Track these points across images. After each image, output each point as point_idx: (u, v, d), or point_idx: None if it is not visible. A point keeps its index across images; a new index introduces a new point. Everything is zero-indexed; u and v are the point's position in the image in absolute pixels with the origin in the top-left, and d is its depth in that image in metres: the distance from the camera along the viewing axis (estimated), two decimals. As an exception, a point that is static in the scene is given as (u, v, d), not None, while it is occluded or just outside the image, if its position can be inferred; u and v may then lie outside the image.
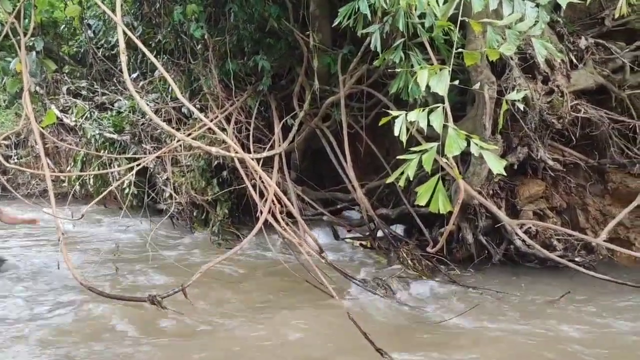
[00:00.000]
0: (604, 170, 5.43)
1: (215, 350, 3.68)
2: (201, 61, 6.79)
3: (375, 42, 4.33)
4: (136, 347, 3.74)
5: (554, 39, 5.10)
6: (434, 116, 2.86)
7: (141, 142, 7.82)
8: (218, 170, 6.90)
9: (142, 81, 8.01)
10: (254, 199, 5.68)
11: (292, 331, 3.95)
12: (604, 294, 4.56)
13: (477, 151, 2.82)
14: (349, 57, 6.03)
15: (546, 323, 4.02)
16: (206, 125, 5.26)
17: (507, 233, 5.14)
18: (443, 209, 2.91)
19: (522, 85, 4.83)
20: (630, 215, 5.24)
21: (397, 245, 5.50)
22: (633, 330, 3.87)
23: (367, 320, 3.95)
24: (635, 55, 5.33)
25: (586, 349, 3.60)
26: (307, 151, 7.24)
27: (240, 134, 6.59)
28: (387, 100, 5.78)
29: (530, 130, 5.03)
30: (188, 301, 4.15)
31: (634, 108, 5.27)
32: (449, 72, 2.95)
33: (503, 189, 5.32)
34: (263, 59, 6.25)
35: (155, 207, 8.06)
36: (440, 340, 3.80)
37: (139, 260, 5.91)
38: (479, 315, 4.16)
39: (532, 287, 4.79)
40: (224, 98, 6.65)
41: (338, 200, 6.92)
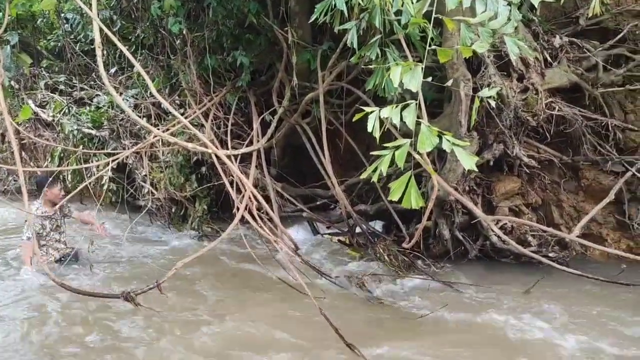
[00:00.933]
0: (577, 167, 5.52)
1: (188, 346, 3.68)
2: (180, 56, 6.75)
3: (352, 38, 4.34)
4: (109, 343, 3.73)
5: (529, 37, 5.17)
6: (407, 112, 2.88)
7: (120, 138, 7.75)
8: (197, 166, 6.87)
9: (120, 76, 7.93)
10: (232, 195, 5.67)
11: (265, 327, 3.98)
12: (575, 289, 4.64)
13: (449, 147, 2.86)
14: (328, 53, 6.04)
15: (518, 316, 4.08)
16: (186, 120, 5.23)
17: (483, 229, 5.20)
18: (415, 205, 2.94)
19: (497, 83, 4.88)
20: (603, 211, 5.34)
21: (375, 241, 5.53)
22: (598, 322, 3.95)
23: (340, 316, 3.97)
24: (608, 54, 5.43)
25: (556, 339, 3.67)
26: (287, 147, 7.23)
27: (219, 129, 6.57)
28: (365, 97, 5.81)
29: (506, 127, 5.09)
30: (163, 297, 4.13)
31: (606, 106, 5.36)
32: (422, 68, 2.98)
33: (479, 186, 5.37)
34: (242, 54, 6.23)
35: (134, 203, 7.99)
36: (412, 335, 3.85)
37: (114, 257, 5.87)
38: (453, 310, 4.21)
39: (506, 282, 4.85)
40: (203, 94, 6.62)
41: (318, 196, 6.93)
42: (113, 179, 7.60)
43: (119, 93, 7.53)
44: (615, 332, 3.85)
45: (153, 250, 6.22)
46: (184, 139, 6.23)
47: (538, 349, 3.60)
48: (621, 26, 5.41)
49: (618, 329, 3.88)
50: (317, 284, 4.74)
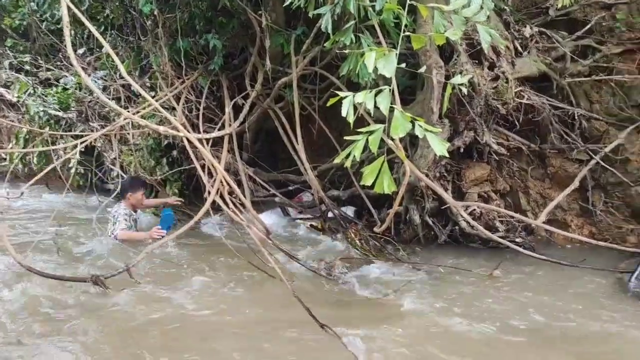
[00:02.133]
0: (544, 155, 5.65)
1: (158, 330, 3.67)
2: (151, 38, 6.62)
3: (326, 23, 4.34)
4: (79, 328, 3.69)
5: (500, 27, 5.24)
6: (381, 98, 2.90)
7: (88, 120, 7.61)
8: (168, 150, 6.80)
9: (89, 57, 7.75)
10: (203, 179, 5.64)
11: (237, 311, 3.99)
12: (540, 272, 4.78)
13: (421, 133, 2.89)
14: (302, 38, 6.01)
15: (482, 300, 4.20)
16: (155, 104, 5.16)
17: (453, 214, 5.29)
18: (388, 190, 2.98)
19: (469, 71, 4.95)
20: (568, 198, 5.50)
21: (346, 226, 5.58)
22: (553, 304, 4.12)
23: (311, 298, 4.02)
24: (576, 44, 5.55)
25: (515, 322, 3.79)
26: (259, 132, 7.21)
27: (190, 113, 6.50)
28: (339, 82, 5.82)
29: (477, 115, 5.17)
30: (133, 281, 4.11)
31: (573, 95, 5.49)
32: (397, 55, 3.00)
33: (450, 172, 5.46)
34: (215, 37, 6.15)
35: (103, 186, 7.88)
36: (379, 316, 3.93)
37: (83, 240, 5.79)
38: (422, 292, 4.30)
39: (473, 266, 4.97)
40: (174, 76, 6.52)
41: (290, 181, 6.94)
42: (81, 162, 7.46)
43: (88, 74, 7.37)
44: (569, 310, 4.00)
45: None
46: (155, 122, 6.15)
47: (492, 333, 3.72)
48: (589, 17, 5.53)
49: (572, 308, 4.03)
50: (289, 268, 4.77)
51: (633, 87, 5.34)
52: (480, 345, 3.48)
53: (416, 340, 3.51)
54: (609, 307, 4.06)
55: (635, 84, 5.32)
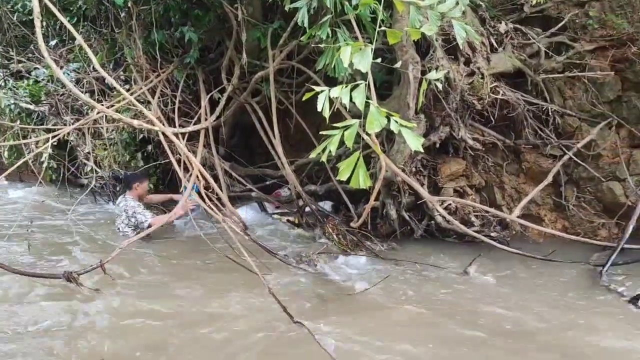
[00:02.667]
0: (519, 151, 5.72)
1: (134, 328, 3.63)
2: (125, 30, 6.51)
3: (302, 17, 4.31)
4: (53, 326, 3.62)
5: (476, 22, 5.28)
6: (357, 93, 2.90)
7: (60, 114, 7.46)
8: (143, 144, 6.71)
9: (61, 49, 7.59)
10: (179, 175, 5.58)
11: (213, 305, 3.96)
12: (514, 266, 4.85)
13: (397, 128, 2.90)
14: (279, 32, 5.97)
15: (456, 294, 4.24)
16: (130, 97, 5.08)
17: (429, 209, 5.33)
18: (363, 185, 2.97)
19: (445, 66, 4.97)
20: (542, 193, 5.57)
21: (323, 221, 5.58)
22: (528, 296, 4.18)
23: (287, 293, 4.02)
24: (550, 41, 5.61)
25: (487, 315, 3.84)
26: (236, 127, 7.16)
27: (166, 107, 6.41)
28: (316, 76, 5.80)
29: (452, 110, 5.20)
30: (107, 277, 4.05)
31: (547, 92, 5.56)
32: (372, 49, 2.99)
33: (425, 167, 5.49)
34: (191, 30, 6.07)
35: (76, 181, 7.75)
36: (355, 310, 3.94)
37: (55, 236, 5.69)
38: (397, 287, 4.33)
39: (449, 260, 5.02)
40: (149, 70, 6.43)
41: (267, 176, 6.91)
42: (53, 156, 7.32)
43: (60, 67, 7.22)
44: (540, 302, 4.07)
45: (100, 229, 6.07)
46: (129, 116, 6.05)
47: (467, 317, 3.76)
48: (562, 15, 5.59)
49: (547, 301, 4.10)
50: (265, 263, 4.74)
51: (605, 84, 5.43)
52: (452, 339, 3.52)
53: (390, 334, 3.53)
54: (579, 299, 4.13)
55: (607, 80, 5.41)
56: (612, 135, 5.39)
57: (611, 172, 5.34)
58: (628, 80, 5.40)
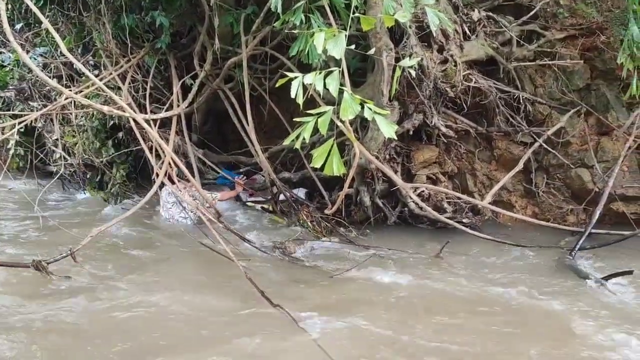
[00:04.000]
0: (491, 138, 5.79)
1: (104, 317, 3.58)
2: (94, 14, 6.33)
3: (275, 3, 4.25)
4: (19, 316, 3.56)
5: (449, 10, 5.29)
6: (330, 79, 2.89)
7: (28, 99, 7.26)
8: (114, 131, 6.57)
9: (27, 33, 7.36)
10: (151, 161, 5.50)
11: (190, 294, 3.94)
12: (485, 251, 4.94)
13: (371, 116, 2.90)
14: (252, 17, 5.89)
15: (431, 277, 4.32)
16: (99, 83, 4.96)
17: (402, 196, 5.37)
18: (337, 172, 2.98)
19: (418, 53, 4.98)
20: (513, 179, 5.66)
21: (298, 208, 5.58)
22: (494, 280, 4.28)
23: (264, 279, 4.02)
24: (521, 29, 5.67)
25: (459, 299, 3.93)
26: (209, 113, 7.06)
27: (137, 93, 6.28)
28: (290, 63, 5.75)
29: (426, 97, 5.22)
30: (76, 266, 3.98)
31: (518, 79, 5.63)
32: (346, 36, 2.98)
33: (399, 154, 5.52)
34: (161, 15, 5.93)
35: (45, 169, 7.58)
36: (334, 295, 3.99)
37: (22, 224, 5.57)
38: (372, 272, 4.37)
39: (421, 246, 5.08)
40: (119, 55, 6.28)
41: (241, 163, 6.85)
42: (20, 142, 7.13)
43: (26, 51, 7.01)
44: (507, 284, 4.18)
45: (67, 216, 5.96)
46: (99, 102, 5.92)
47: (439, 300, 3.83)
48: (534, 3, 5.64)
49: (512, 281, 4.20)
50: (241, 250, 4.74)
51: (575, 72, 5.52)
52: (425, 323, 3.57)
53: (369, 317, 3.57)
54: (546, 281, 4.24)
55: (577, 69, 5.50)
56: (581, 123, 5.49)
57: (580, 159, 5.45)
58: (597, 69, 5.50)
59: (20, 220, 5.85)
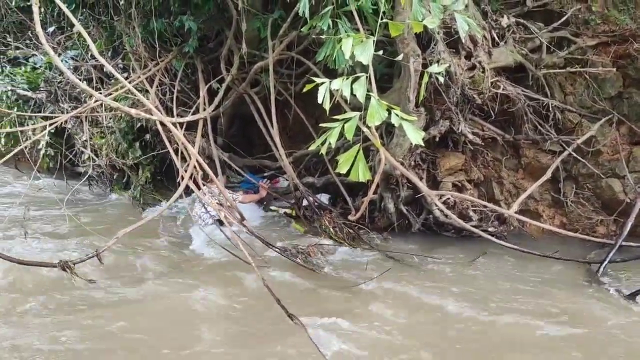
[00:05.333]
0: (518, 146, 5.70)
1: (127, 319, 3.61)
2: (124, 18, 6.44)
3: (303, 8, 4.26)
4: (48, 315, 3.61)
5: (478, 16, 5.23)
6: (357, 85, 2.88)
7: (58, 101, 7.40)
8: (141, 133, 6.67)
9: (59, 36, 7.52)
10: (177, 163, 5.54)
11: (207, 297, 3.95)
12: (511, 261, 4.84)
13: (397, 122, 2.88)
14: (279, 22, 5.91)
15: (453, 290, 4.22)
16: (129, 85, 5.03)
17: (427, 203, 5.31)
18: (362, 178, 2.97)
19: (446, 60, 4.94)
20: (540, 188, 5.56)
21: (321, 214, 5.56)
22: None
23: (283, 286, 4.01)
24: (552, 36, 5.58)
25: (483, 311, 3.83)
26: (234, 117, 7.11)
27: (164, 96, 6.36)
28: (316, 68, 5.76)
29: (453, 104, 5.17)
30: (102, 267, 4.03)
31: (548, 87, 5.53)
32: (374, 42, 2.97)
33: (425, 161, 5.47)
34: (190, 19, 6.01)
35: (73, 169, 7.71)
36: (355, 305, 3.93)
37: (51, 224, 5.66)
38: (395, 281, 4.31)
39: (446, 255, 5.00)
40: (148, 58, 6.37)
41: (265, 167, 6.88)
42: (51, 143, 7.27)
43: (58, 54, 7.15)
44: (534, 296, 4.07)
45: (95, 218, 6.04)
46: (127, 105, 6.01)
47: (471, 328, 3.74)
48: (565, 9, 5.55)
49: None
50: (261, 255, 4.73)
51: (606, 80, 5.40)
52: (446, 336, 3.51)
53: (388, 328, 3.52)
54: (575, 294, 4.12)
55: (609, 76, 5.39)
56: (613, 132, 5.37)
57: (610, 169, 5.33)
58: (629, 77, 5.38)
59: (50, 219, 5.95)
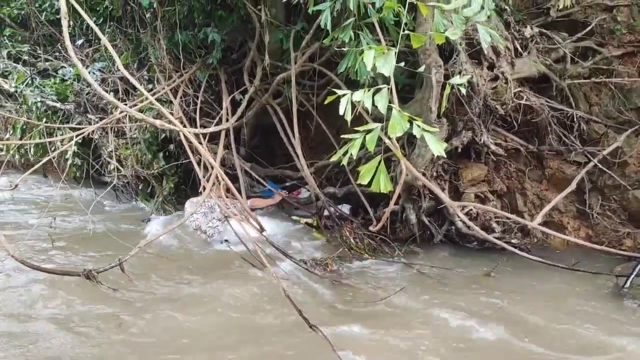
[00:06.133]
0: (542, 157, 5.64)
1: (151, 327, 3.66)
2: (150, 31, 6.57)
3: (325, 20, 4.30)
4: (72, 323, 3.67)
5: (500, 27, 5.21)
6: (379, 97, 2.89)
7: (86, 112, 7.56)
8: (165, 144, 6.76)
9: (87, 49, 7.70)
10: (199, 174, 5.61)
11: (227, 308, 3.97)
12: (535, 274, 4.77)
13: (419, 133, 2.88)
14: (301, 34, 5.98)
15: (476, 302, 4.18)
16: (153, 97, 5.13)
17: (449, 214, 5.28)
18: (384, 189, 2.96)
19: (468, 71, 4.92)
20: (565, 200, 5.48)
21: (341, 224, 5.56)
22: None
23: (303, 297, 4.01)
24: (576, 46, 5.52)
25: (507, 323, 3.78)
26: (257, 127, 7.17)
27: (188, 107, 6.46)
28: (338, 79, 5.79)
29: (475, 115, 5.15)
30: (125, 276, 4.08)
31: (572, 97, 5.47)
32: (396, 53, 2.98)
33: (447, 172, 5.44)
34: (214, 31, 6.11)
35: (100, 179, 7.85)
36: (374, 316, 3.91)
37: (77, 232, 5.76)
38: (415, 293, 4.29)
39: (469, 267, 4.95)
40: (172, 70, 6.48)
41: (287, 177, 6.92)
42: (78, 153, 7.42)
43: (85, 66, 7.32)
44: (559, 311, 4.02)
45: (119, 227, 6.13)
46: (152, 116, 6.11)
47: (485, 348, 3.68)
48: (590, 19, 5.50)
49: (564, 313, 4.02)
50: (281, 265, 4.74)
51: (633, 90, 5.32)
52: (471, 348, 3.47)
53: (407, 341, 3.50)
54: (601, 310, 4.05)
55: (635, 86, 5.31)
56: (639, 143, 5.28)
57: (637, 181, 5.24)
58: (656, 87, 5.30)
59: (76, 227, 6.06)
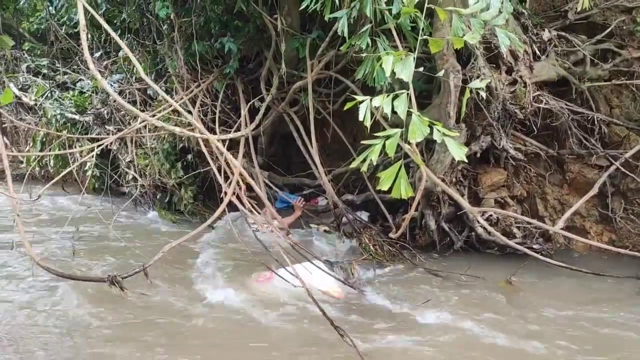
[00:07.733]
0: (563, 161, 5.57)
1: (174, 331, 3.67)
2: (167, 42, 6.64)
3: (342, 27, 4.30)
4: (97, 329, 3.70)
5: (518, 30, 5.18)
6: (398, 102, 2.88)
7: (104, 124, 7.66)
8: (183, 154, 6.81)
9: (105, 61, 7.81)
10: (219, 183, 5.62)
11: (252, 316, 3.96)
12: (558, 280, 4.70)
13: (440, 138, 2.86)
14: (317, 42, 5.99)
15: (500, 308, 4.13)
16: (171, 106, 5.17)
17: (469, 220, 5.23)
18: (405, 195, 2.95)
19: (487, 75, 4.89)
20: (587, 204, 5.40)
21: (360, 231, 5.53)
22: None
23: (327, 304, 3.99)
24: (595, 48, 5.47)
25: (533, 330, 3.72)
26: (274, 136, 7.20)
27: (205, 117, 6.50)
28: (354, 86, 5.79)
29: (494, 119, 5.11)
30: (149, 282, 4.10)
31: (592, 100, 5.42)
32: (414, 58, 2.97)
33: (466, 177, 5.40)
34: (230, 41, 6.15)
35: (118, 189, 7.93)
36: (395, 323, 3.89)
37: (98, 241, 5.82)
38: (436, 300, 4.25)
39: (490, 273, 4.89)
40: (190, 80, 6.54)
41: (305, 185, 6.92)
42: (97, 165, 7.51)
43: (104, 77, 7.41)
44: (586, 318, 3.94)
45: (140, 234, 6.19)
46: (171, 125, 6.16)
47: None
48: (609, 21, 5.46)
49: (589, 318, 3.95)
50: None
51: (654, 92, 5.26)
52: (498, 355, 3.42)
53: (433, 349, 3.46)
54: (630, 315, 3.97)
55: (657, 88, 5.24)
56: (662, 145, 5.20)
57: (661, 184, 5.15)
58: (678, 88, 5.22)
59: (97, 237, 6.12)
